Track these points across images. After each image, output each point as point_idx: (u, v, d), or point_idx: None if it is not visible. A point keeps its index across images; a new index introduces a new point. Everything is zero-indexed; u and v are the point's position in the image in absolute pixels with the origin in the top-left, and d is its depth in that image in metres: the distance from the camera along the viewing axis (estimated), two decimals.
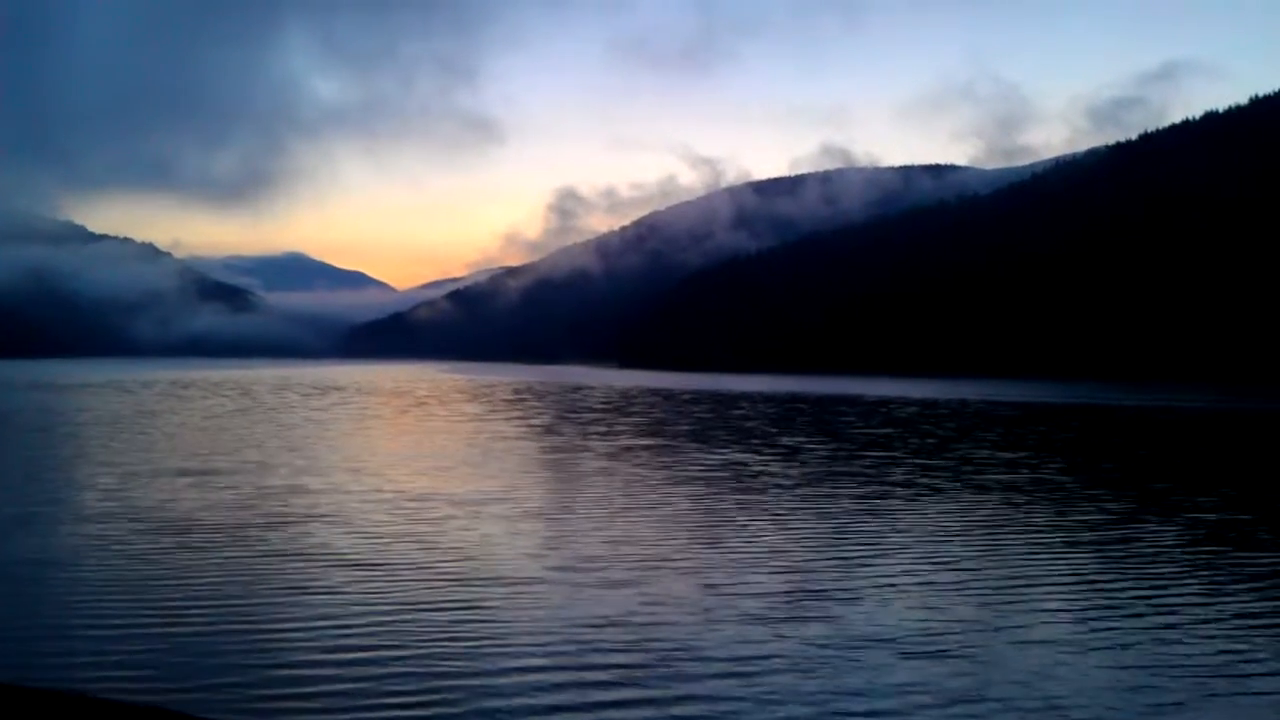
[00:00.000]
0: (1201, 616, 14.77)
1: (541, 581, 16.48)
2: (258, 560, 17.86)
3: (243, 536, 19.96)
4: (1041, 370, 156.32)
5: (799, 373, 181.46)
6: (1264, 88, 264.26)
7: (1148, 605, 15.39)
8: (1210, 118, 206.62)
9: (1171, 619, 14.62)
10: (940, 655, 12.80)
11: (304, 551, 18.64)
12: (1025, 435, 48.99)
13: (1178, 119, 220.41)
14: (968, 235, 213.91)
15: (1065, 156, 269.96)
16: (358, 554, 18.45)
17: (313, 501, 24.52)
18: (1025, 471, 32.84)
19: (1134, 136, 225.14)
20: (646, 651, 12.86)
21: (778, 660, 12.57)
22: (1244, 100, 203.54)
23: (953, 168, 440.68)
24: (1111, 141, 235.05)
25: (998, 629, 14.01)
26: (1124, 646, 13.26)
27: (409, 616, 14.32)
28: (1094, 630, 13.99)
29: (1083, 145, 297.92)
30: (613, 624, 14.04)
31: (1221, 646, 13.31)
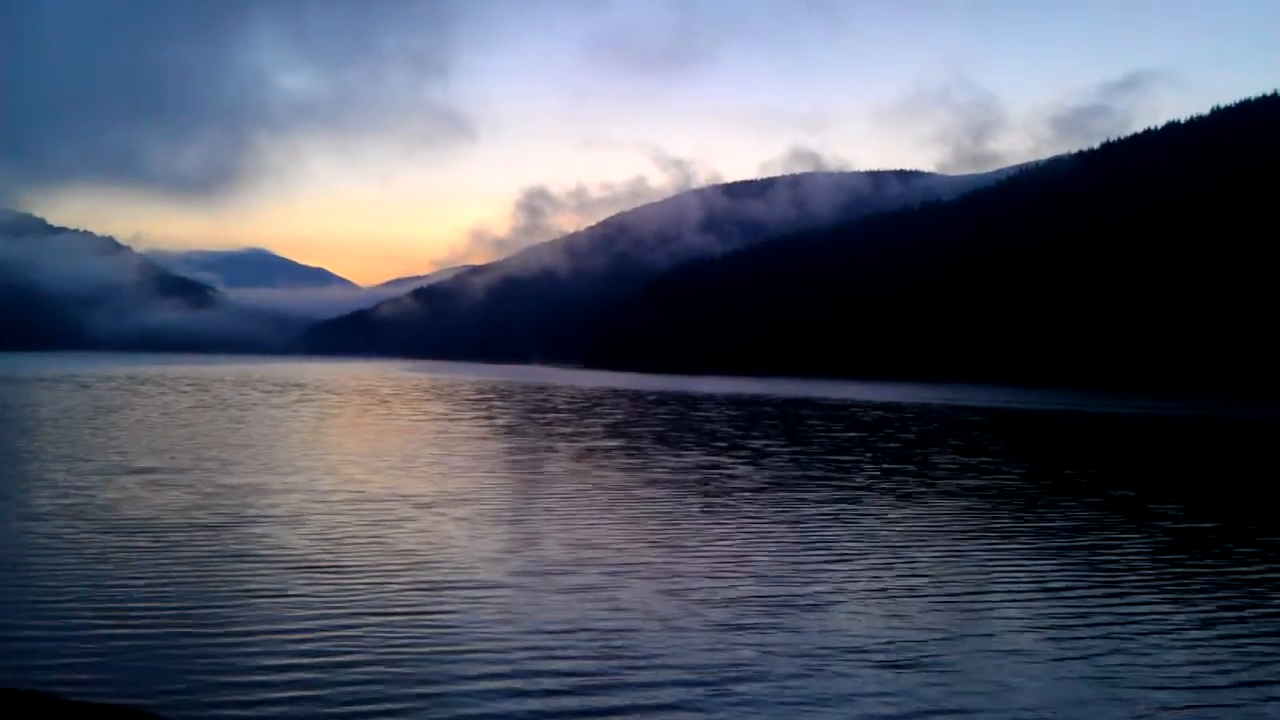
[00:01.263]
0: (1166, 626, 14.75)
1: (503, 586, 16.18)
2: (212, 562, 17.42)
3: (198, 537, 19.49)
4: (1004, 376, 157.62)
5: (763, 375, 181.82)
6: (1230, 97, 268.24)
7: (1113, 614, 15.35)
8: (1172, 127, 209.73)
9: (1137, 628, 14.57)
10: (908, 665, 12.65)
11: (260, 553, 18.21)
12: (990, 441, 49.24)
13: (1142, 128, 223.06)
14: (932, 241, 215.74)
15: (1029, 164, 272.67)
16: (314, 556, 18.06)
17: (270, 501, 24.04)
18: (990, 477, 32.93)
19: (1097, 145, 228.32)
20: (610, 660, 12.62)
21: (744, 669, 12.37)
22: (1206, 110, 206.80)
23: (919, 174, 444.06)
24: (1076, 150, 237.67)
25: (964, 637, 13.89)
26: (1089, 656, 13.19)
27: (365, 621, 13.97)
28: (1059, 640, 13.90)
29: (1049, 153, 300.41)
30: (576, 631, 13.78)
31: (1187, 656, 13.27)
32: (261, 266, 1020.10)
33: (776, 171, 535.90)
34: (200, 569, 16.86)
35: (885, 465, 35.90)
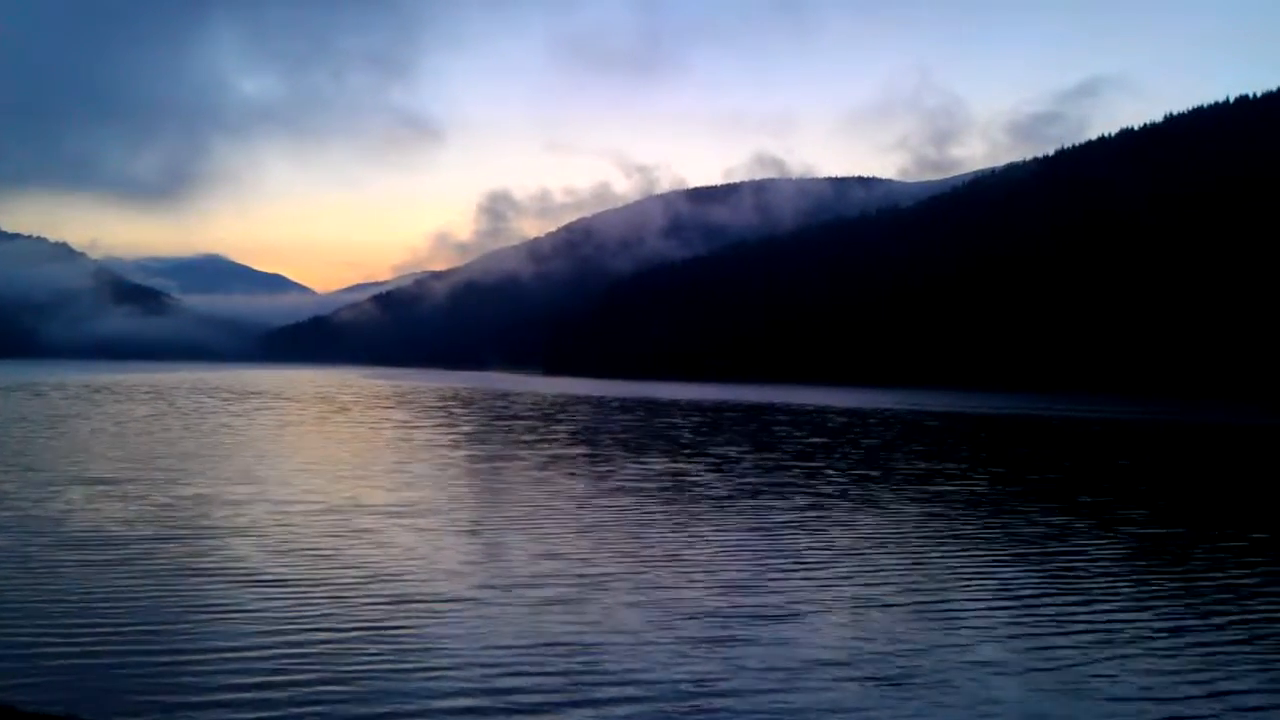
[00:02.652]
0: (1139, 634, 14.60)
1: (466, 600, 15.72)
2: (166, 576, 16.81)
3: (151, 550, 18.85)
4: (961, 381, 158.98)
5: (724, 381, 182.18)
6: (1190, 103, 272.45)
7: (1085, 623, 15.18)
8: (1126, 134, 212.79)
9: (1109, 637, 14.41)
10: (884, 679, 12.38)
11: (215, 567, 17.62)
12: (953, 446, 49.37)
13: (1097, 135, 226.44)
14: (891, 247, 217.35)
15: (984, 171, 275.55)
16: (271, 570, 17.49)
17: (226, 513, 23.39)
18: (956, 482, 32.90)
19: (1051, 152, 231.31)
20: (579, 676, 12.23)
21: (718, 685, 12.03)
22: (1159, 118, 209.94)
23: (881, 180, 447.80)
24: (1033, 156, 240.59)
25: (938, 648, 13.64)
26: (1064, 667, 13.00)
27: (324, 638, 13.48)
28: (1033, 650, 13.70)
29: (1009, 159, 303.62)
30: (543, 646, 13.37)
31: (1161, 665, 13.12)
32: (217, 273, 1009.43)
33: (741, 177, 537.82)
34: (154, 583, 16.26)
35: (851, 471, 35.79)
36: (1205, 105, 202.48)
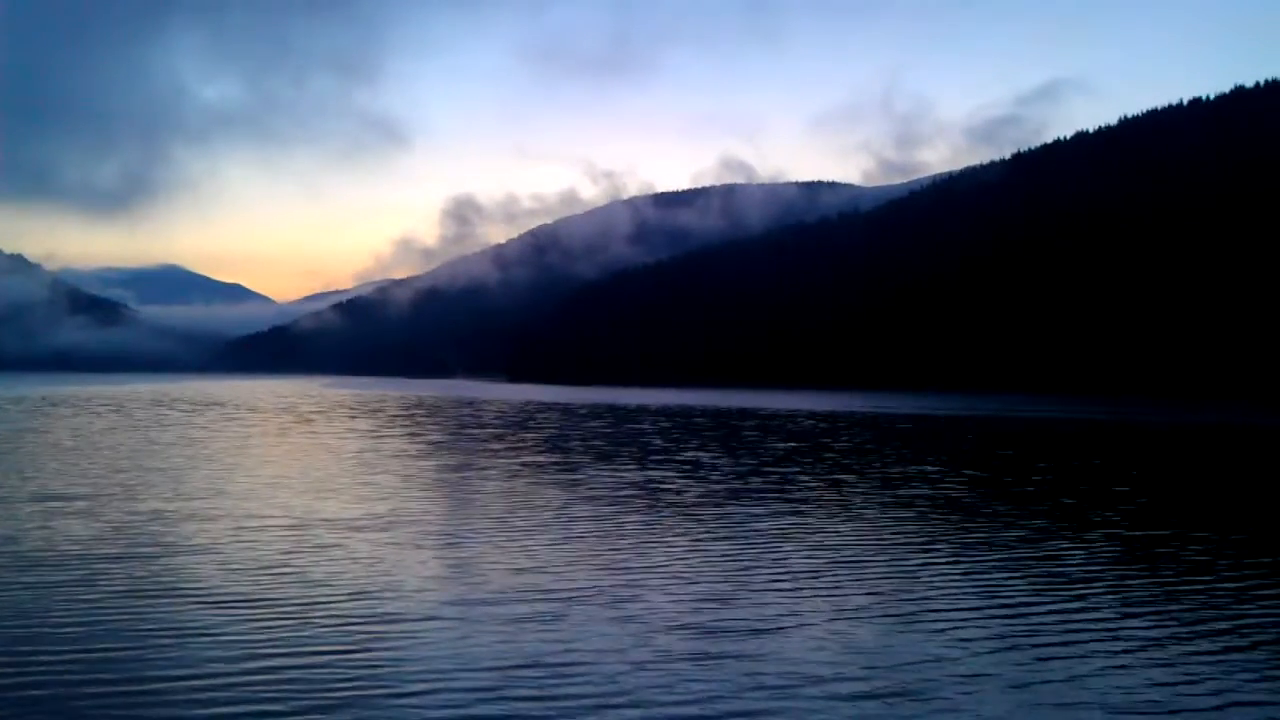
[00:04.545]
0: (1125, 643, 14.30)
1: (437, 619, 15.13)
2: (123, 597, 16.08)
3: (107, 571, 18.08)
4: (931, 384, 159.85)
5: (688, 387, 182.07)
6: (1145, 105, 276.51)
7: (1071, 631, 14.88)
8: (1082, 137, 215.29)
9: (1095, 645, 14.11)
10: (874, 694, 11.95)
11: (174, 588, 16.90)
12: (926, 449, 49.27)
13: (1053, 137, 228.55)
14: (852, 251, 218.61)
15: (940, 175, 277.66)
16: (233, 589, 16.81)
17: (186, 530, 22.60)
18: (933, 486, 32.68)
19: (1007, 155, 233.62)
20: (555, 698, 11.71)
21: (705, 704, 11.55)
22: (1114, 120, 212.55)
23: (844, 184, 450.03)
24: (990, 159, 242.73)
25: (926, 662, 13.25)
26: (1052, 680, 12.65)
27: (287, 662, 12.85)
28: (1019, 661, 13.35)
29: (967, 163, 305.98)
30: (518, 667, 12.83)
31: (1144, 673, 12.81)
32: (175, 283, 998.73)
33: (708, 181, 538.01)
34: (110, 606, 15.54)
35: (827, 477, 35.48)
36: (1160, 108, 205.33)
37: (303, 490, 30.17)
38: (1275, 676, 12.86)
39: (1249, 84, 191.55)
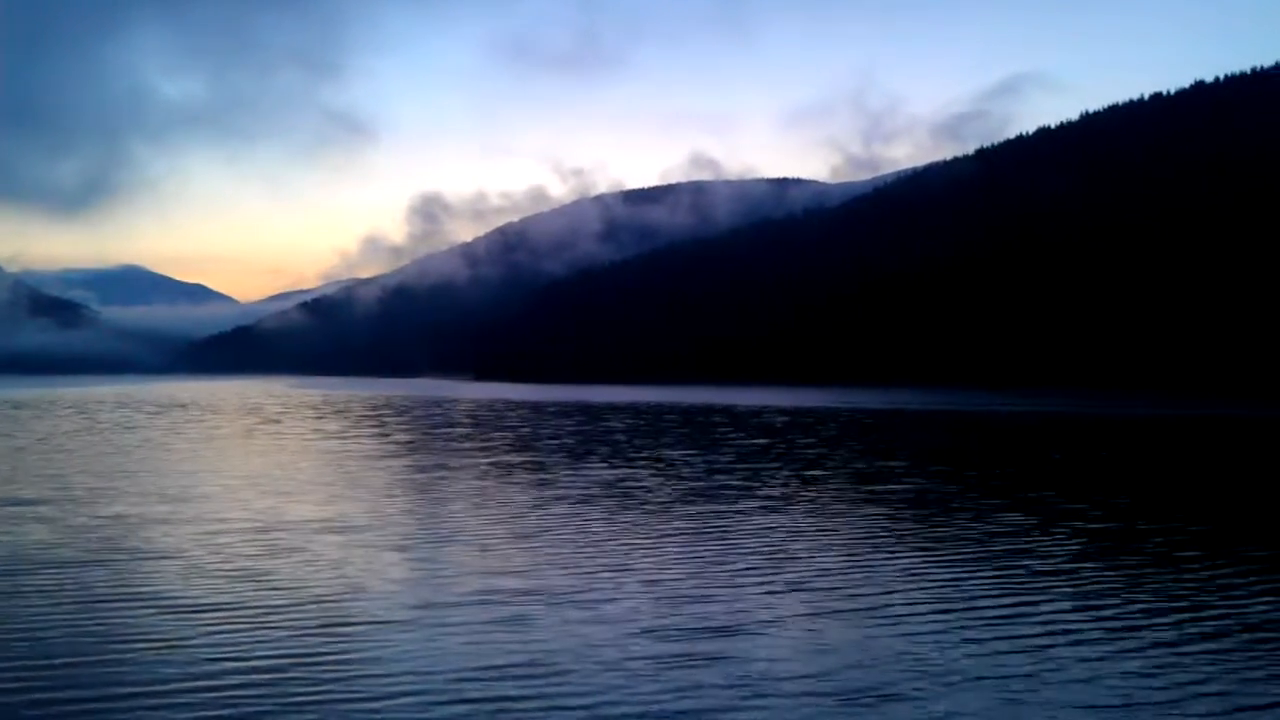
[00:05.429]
0: (1092, 636, 14.25)
1: (406, 623, 14.80)
2: (84, 606, 15.64)
3: (69, 577, 17.63)
4: (896, 379, 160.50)
5: (657, 383, 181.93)
6: (1107, 100, 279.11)
7: (1047, 626, 14.81)
8: (1043, 132, 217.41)
9: (1071, 640, 14.05)
10: (857, 695, 11.80)
11: (136, 594, 16.46)
12: (895, 444, 49.37)
13: (1016, 133, 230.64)
14: (818, 248, 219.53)
15: (904, 171, 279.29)
16: (197, 596, 16.40)
17: (148, 535, 22.10)
18: (905, 482, 32.69)
19: (970, 151, 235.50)
20: (527, 702, 11.46)
21: (675, 706, 11.33)
22: (1075, 115, 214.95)
23: (811, 181, 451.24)
24: (953, 155, 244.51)
25: (898, 657, 13.13)
26: (1030, 674, 12.56)
27: (253, 669, 12.51)
28: (998, 659, 13.26)
29: (934, 158, 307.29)
30: (494, 671, 12.56)
31: (1113, 668, 12.73)
32: (136, 284, 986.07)
33: (678, 178, 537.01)
34: (71, 613, 15.13)
35: (797, 473, 35.38)
36: (1121, 103, 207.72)
37: (268, 493, 29.67)
38: (1245, 667, 12.83)
39: (1209, 79, 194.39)
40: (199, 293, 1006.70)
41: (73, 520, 24.05)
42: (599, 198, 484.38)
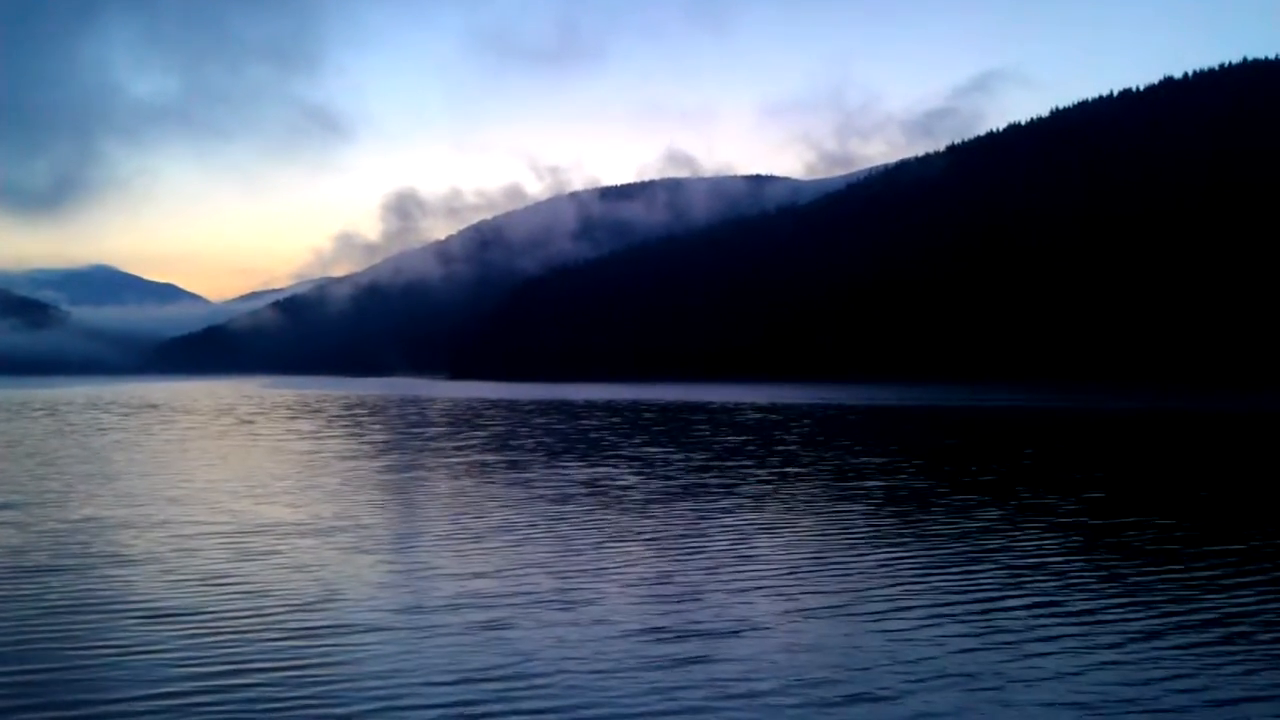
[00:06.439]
0: (1094, 638, 14.12)
1: (387, 629, 14.47)
2: (54, 614, 15.20)
3: (38, 584, 17.16)
4: (872, 374, 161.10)
5: (629, 381, 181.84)
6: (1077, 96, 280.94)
7: (1039, 627, 14.67)
8: (1014, 129, 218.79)
9: (1063, 642, 13.90)
10: (856, 699, 11.58)
11: (109, 601, 16.04)
12: (875, 440, 49.36)
13: (988, 130, 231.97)
14: (793, 245, 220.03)
15: (876, 168, 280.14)
16: (170, 602, 16.00)
17: (121, 539, 21.64)
18: (888, 478, 32.67)
19: (942, 148, 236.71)
20: (513, 711, 11.18)
21: (671, 712, 11.09)
22: (1046, 112, 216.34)
23: (787, 179, 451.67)
24: (925, 152, 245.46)
25: (888, 660, 12.93)
26: (1031, 679, 12.39)
27: (231, 679, 12.16)
28: (995, 660, 13.10)
29: (908, 154, 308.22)
30: (471, 678, 12.25)
31: (1104, 669, 12.60)
32: (106, 283, 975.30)
33: (654, 175, 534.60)
34: (40, 621, 14.70)
35: (780, 470, 35.27)
36: (1090, 99, 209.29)
37: (242, 495, 29.20)
38: (1251, 670, 12.69)
39: (1177, 75, 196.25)
40: (169, 292, 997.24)
41: (42, 525, 23.53)
42: (575, 195, 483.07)
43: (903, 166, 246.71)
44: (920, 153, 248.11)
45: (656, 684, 11.99)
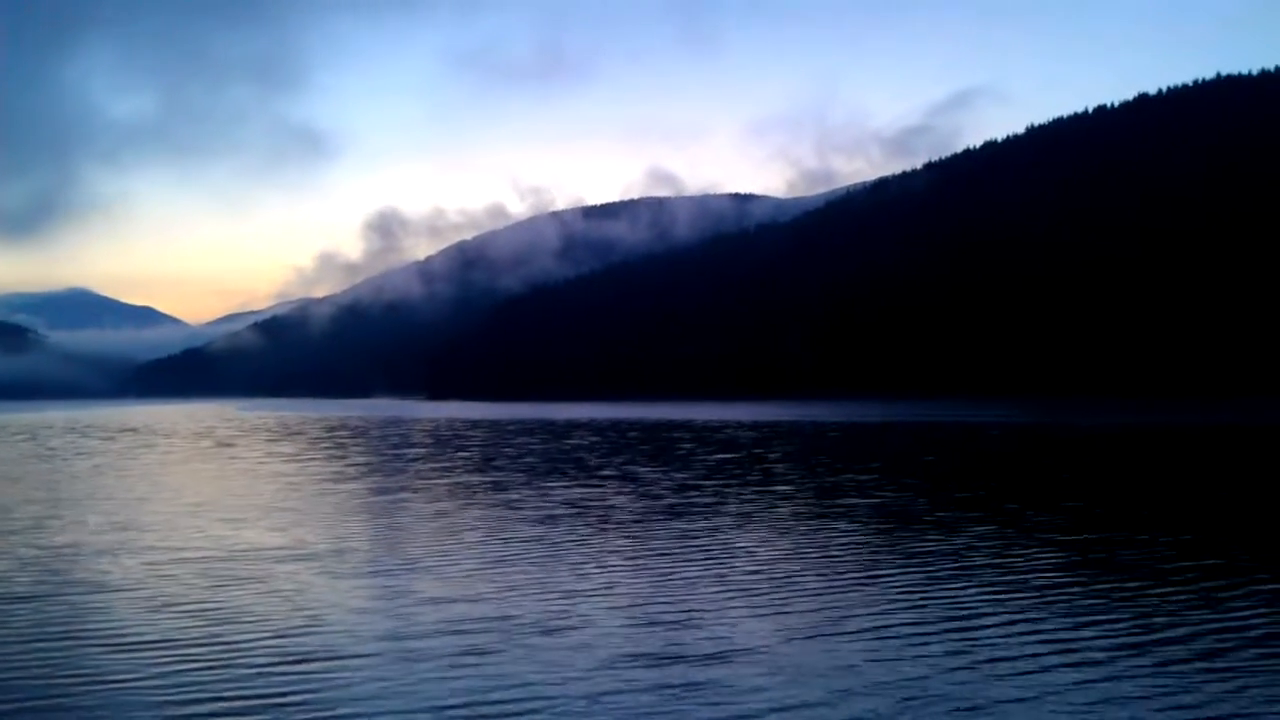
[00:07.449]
0: (1077, 653, 14.05)
1: (370, 656, 14.24)
2: (28, 644, 14.89)
3: (10, 612, 16.84)
4: (855, 391, 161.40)
5: (612, 399, 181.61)
6: (1053, 113, 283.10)
7: (1033, 646, 14.58)
8: (990, 146, 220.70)
9: (1060, 661, 13.82)
10: None
11: (85, 630, 15.76)
12: (858, 457, 49.35)
13: (964, 147, 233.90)
14: (774, 262, 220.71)
15: (855, 185, 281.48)
16: (150, 632, 15.72)
17: (98, 566, 21.32)
18: (868, 496, 32.61)
19: (920, 165, 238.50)
20: None
21: None
22: (1022, 129, 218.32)
23: (769, 197, 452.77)
24: (905, 169, 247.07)
25: (884, 684, 12.81)
26: (1029, 699, 12.30)
27: (210, 708, 11.94)
28: (983, 683, 13.01)
29: (888, 172, 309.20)
30: (459, 706, 12.08)
31: (1099, 688, 12.52)
32: (84, 307, 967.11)
33: (637, 193, 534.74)
34: (14, 651, 14.41)
35: (765, 489, 35.18)
36: (1066, 116, 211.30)
37: (223, 520, 28.87)
38: (1237, 688, 12.62)
39: (1151, 91, 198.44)
40: (148, 315, 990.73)
41: (20, 551, 23.18)
42: (557, 214, 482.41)
43: (882, 184, 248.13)
44: (899, 170, 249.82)
45: (642, 710, 11.84)
